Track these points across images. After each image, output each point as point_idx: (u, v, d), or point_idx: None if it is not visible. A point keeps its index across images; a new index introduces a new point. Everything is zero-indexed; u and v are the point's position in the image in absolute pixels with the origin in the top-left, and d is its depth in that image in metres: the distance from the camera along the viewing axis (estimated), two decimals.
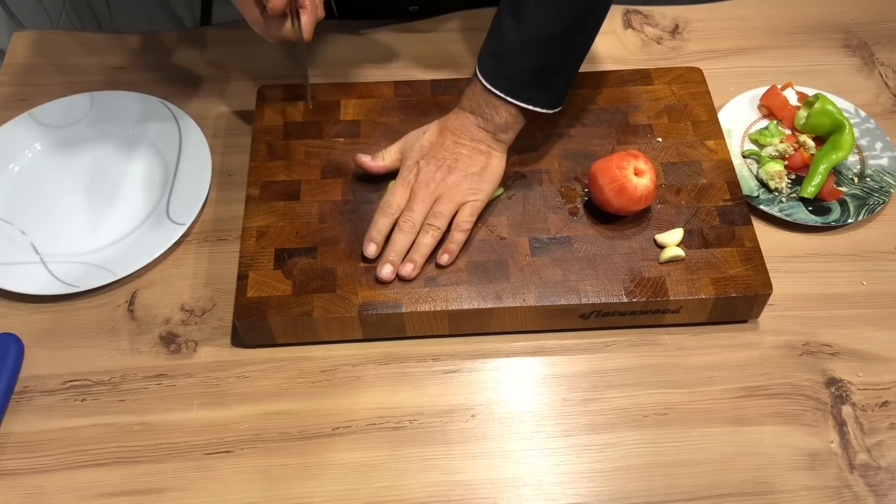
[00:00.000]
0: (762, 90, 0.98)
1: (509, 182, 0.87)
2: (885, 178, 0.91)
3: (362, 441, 0.75)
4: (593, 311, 0.80)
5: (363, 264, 0.81)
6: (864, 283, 0.85)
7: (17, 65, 1.05)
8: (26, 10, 1.24)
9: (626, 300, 0.79)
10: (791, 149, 0.92)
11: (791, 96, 0.97)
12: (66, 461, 0.74)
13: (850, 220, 0.88)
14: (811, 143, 0.92)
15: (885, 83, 1.02)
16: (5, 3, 1.18)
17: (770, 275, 0.80)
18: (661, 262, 0.81)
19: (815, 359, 0.80)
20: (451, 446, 0.75)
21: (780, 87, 0.97)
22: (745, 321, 0.83)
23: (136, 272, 0.85)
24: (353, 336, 0.81)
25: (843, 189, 0.90)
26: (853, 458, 0.74)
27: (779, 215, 0.88)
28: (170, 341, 0.82)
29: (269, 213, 0.85)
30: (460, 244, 0.81)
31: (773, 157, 0.92)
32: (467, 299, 0.79)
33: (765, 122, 0.96)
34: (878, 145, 0.94)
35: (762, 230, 0.88)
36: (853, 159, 0.93)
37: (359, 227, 0.84)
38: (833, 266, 0.86)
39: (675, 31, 1.09)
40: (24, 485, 0.73)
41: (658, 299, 0.79)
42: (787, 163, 0.92)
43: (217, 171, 0.94)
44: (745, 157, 0.93)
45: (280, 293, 0.79)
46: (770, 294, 0.79)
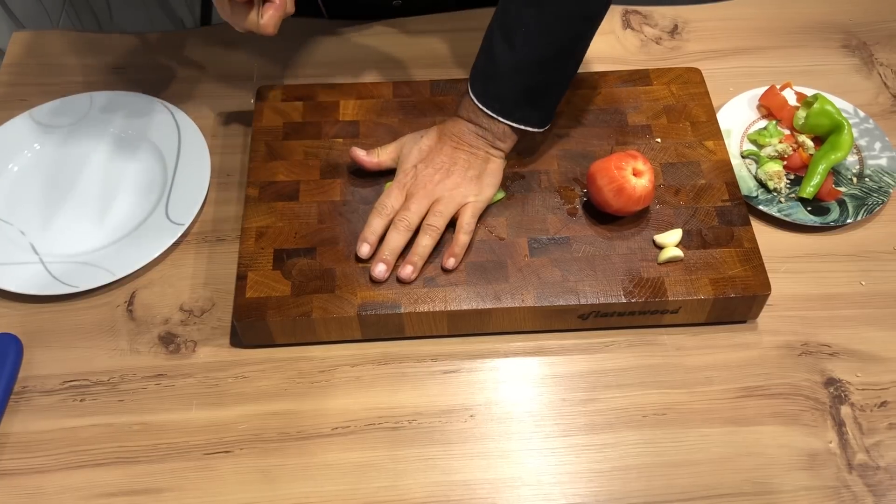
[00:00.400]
0: (761, 90, 0.98)
1: (508, 183, 0.87)
2: (884, 178, 0.91)
3: (361, 441, 0.75)
4: (592, 311, 0.80)
5: (362, 265, 0.81)
6: (863, 283, 0.85)
7: (17, 65, 1.05)
8: (26, 10, 1.24)
9: (624, 300, 0.79)
10: (790, 149, 0.92)
11: (790, 96, 0.97)
12: (65, 461, 0.74)
13: (848, 221, 0.88)
14: (810, 143, 0.92)
15: (885, 83, 1.02)
16: (5, 3, 1.18)
17: (769, 275, 0.80)
18: (660, 263, 0.81)
19: (813, 359, 0.80)
20: (449, 446, 0.75)
21: (779, 87, 0.97)
22: (744, 321, 0.83)
23: (135, 272, 0.85)
24: (352, 336, 0.81)
25: (842, 189, 0.90)
26: (852, 458, 0.74)
27: (778, 215, 0.88)
28: (169, 341, 0.82)
29: (269, 213, 0.85)
30: (465, 247, 0.81)
31: (771, 158, 0.92)
32: (466, 300, 0.79)
33: (764, 123, 0.96)
34: (877, 145, 0.94)
35: (761, 230, 0.88)
36: (852, 159, 0.93)
37: (358, 227, 0.84)
38: (832, 266, 0.87)
39: (674, 31, 1.09)
40: (24, 485, 0.73)
41: (657, 300, 0.79)
42: (785, 163, 0.92)
43: (216, 172, 0.94)
44: (743, 157, 0.94)
45: (279, 293, 0.79)
46: (769, 294, 0.79)
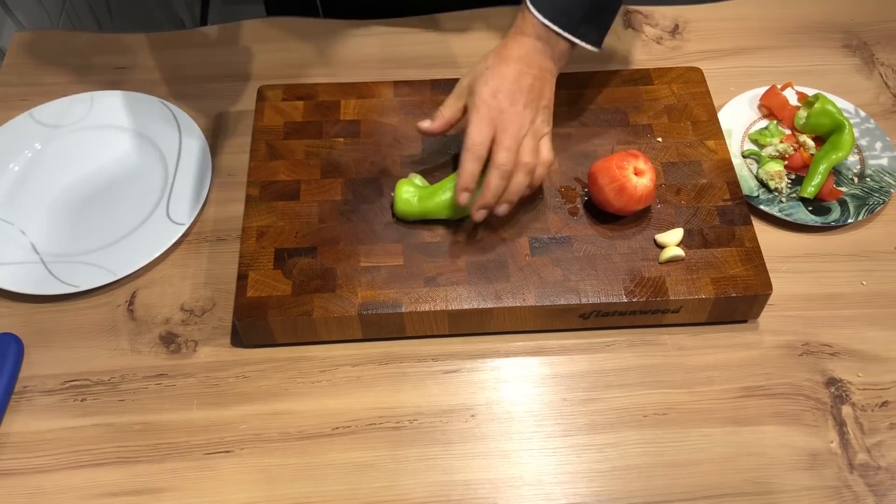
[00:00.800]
0: (762, 90, 0.98)
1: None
2: (885, 178, 0.91)
3: (362, 441, 0.75)
4: (593, 310, 0.80)
5: (363, 264, 0.81)
6: (864, 283, 0.85)
7: (17, 65, 1.05)
8: (26, 10, 1.24)
9: (625, 300, 0.79)
10: (791, 149, 0.92)
11: (791, 96, 0.97)
12: (65, 461, 0.74)
13: (849, 220, 0.88)
14: (811, 143, 0.92)
15: (885, 83, 1.02)
16: (5, 3, 1.18)
17: (770, 275, 0.80)
18: (661, 262, 0.81)
19: (814, 359, 0.80)
20: (450, 446, 0.75)
21: (780, 87, 0.97)
22: (745, 321, 0.83)
23: (135, 272, 0.85)
24: (353, 336, 0.81)
25: (843, 189, 0.90)
26: (853, 458, 0.74)
27: (779, 215, 0.88)
28: (170, 341, 0.82)
29: (269, 212, 0.85)
30: (542, 178, 0.83)
31: (772, 157, 0.92)
32: (467, 299, 0.79)
33: (765, 122, 0.96)
34: (878, 145, 0.94)
35: (762, 230, 0.88)
36: (853, 159, 0.93)
37: (358, 226, 0.84)
38: (833, 266, 0.86)
39: (675, 31, 1.09)
40: (24, 485, 0.73)
41: (658, 299, 0.79)
42: (786, 163, 0.92)
43: (217, 171, 0.94)
44: (744, 157, 0.93)
45: (280, 293, 0.79)
46: (770, 294, 0.79)
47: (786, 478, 0.73)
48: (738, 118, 0.96)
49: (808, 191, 0.88)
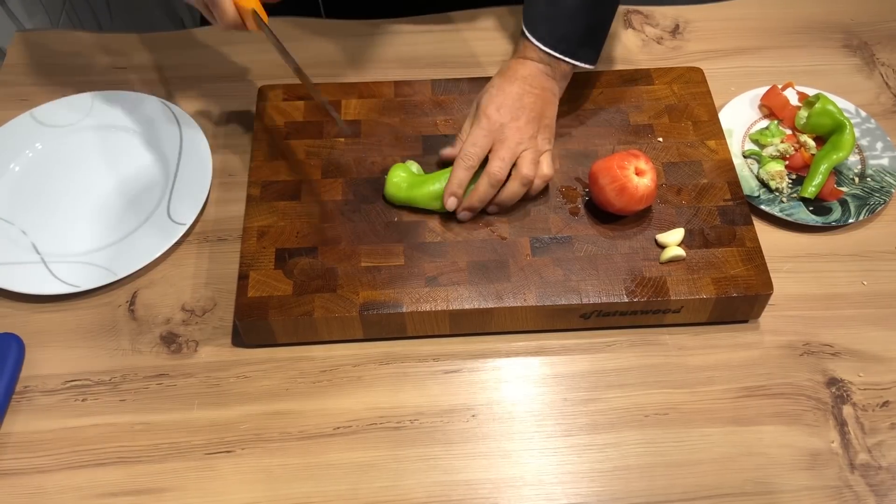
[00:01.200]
0: (763, 90, 0.98)
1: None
2: (886, 178, 0.91)
3: (363, 441, 0.75)
4: (594, 310, 0.80)
5: (364, 264, 0.81)
6: (865, 282, 0.85)
7: (17, 65, 1.05)
8: (26, 10, 1.24)
9: (626, 300, 0.79)
10: (792, 149, 0.92)
11: (792, 96, 0.97)
12: (66, 461, 0.74)
13: (850, 220, 0.88)
14: (812, 143, 0.92)
15: (886, 83, 1.02)
16: (5, 3, 1.18)
17: (771, 275, 0.80)
18: (662, 262, 0.81)
19: (815, 359, 0.80)
20: (451, 446, 0.75)
21: (780, 87, 0.97)
22: (746, 321, 0.83)
23: (136, 272, 0.85)
24: (354, 336, 0.81)
25: (844, 189, 0.90)
26: (854, 457, 0.74)
27: (779, 215, 0.88)
28: (170, 341, 0.81)
29: (270, 212, 0.85)
30: (539, 190, 0.85)
31: (773, 157, 0.92)
32: (468, 299, 0.79)
33: (765, 122, 0.96)
34: (879, 145, 0.94)
35: (763, 230, 0.88)
36: (854, 159, 0.93)
37: (359, 226, 0.84)
38: (834, 266, 0.86)
39: (675, 31, 1.09)
40: (25, 485, 0.73)
41: (659, 299, 0.79)
42: (787, 163, 0.92)
43: (218, 171, 0.94)
44: (745, 157, 0.93)
45: (281, 293, 0.79)
46: (771, 294, 0.79)
47: (787, 478, 0.73)
48: (738, 118, 0.96)
49: (809, 191, 0.88)
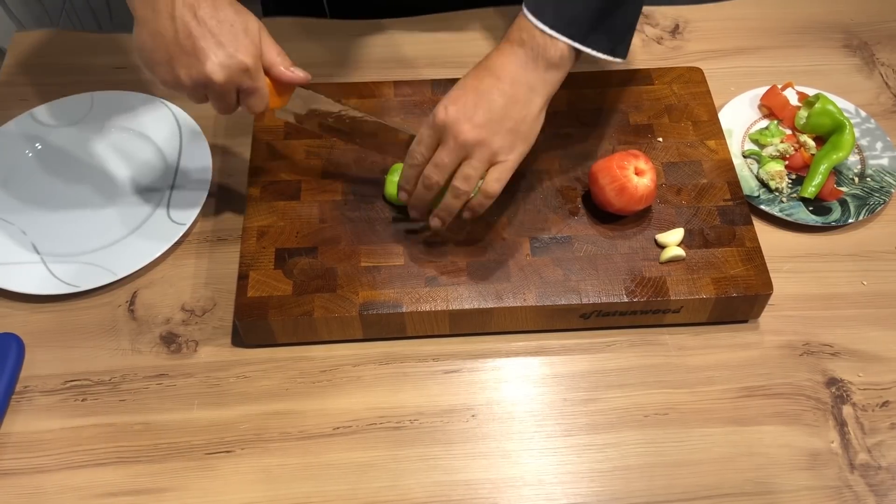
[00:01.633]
0: (762, 90, 0.98)
1: (509, 182, 0.87)
2: (886, 177, 0.91)
3: (363, 441, 0.75)
4: (594, 310, 0.80)
5: (364, 264, 0.81)
6: (865, 282, 0.85)
7: (17, 65, 1.05)
8: (26, 10, 1.24)
9: (626, 300, 0.79)
10: (791, 149, 0.92)
11: (791, 96, 0.97)
12: (66, 461, 0.74)
13: (850, 220, 0.88)
14: (811, 143, 0.92)
15: (886, 83, 1.02)
16: (5, 3, 1.18)
17: (770, 275, 0.80)
18: (662, 262, 0.81)
19: (815, 359, 0.80)
20: (451, 446, 0.75)
21: (780, 87, 0.97)
22: (746, 321, 0.83)
23: (136, 272, 0.85)
24: (354, 336, 0.81)
25: (844, 189, 0.90)
26: (854, 457, 0.74)
27: (779, 215, 0.88)
28: (170, 341, 0.81)
29: (270, 212, 0.85)
30: (485, 208, 0.77)
31: (773, 157, 0.92)
32: (468, 299, 0.79)
33: (765, 122, 0.96)
34: (879, 145, 0.94)
35: (763, 230, 0.88)
36: (853, 159, 0.93)
37: (359, 226, 0.84)
38: (833, 266, 0.86)
39: (675, 31, 1.09)
40: (24, 485, 0.73)
41: (659, 299, 0.79)
42: (787, 163, 0.92)
43: (217, 171, 0.93)
44: (745, 156, 0.93)
45: (280, 293, 0.79)
46: (770, 294, 0.79)
47: (786, 478, 0.73)
48: (738, 118, 0.96)
49: (809, 191, 0.88)
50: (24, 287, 0.83)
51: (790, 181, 0.91)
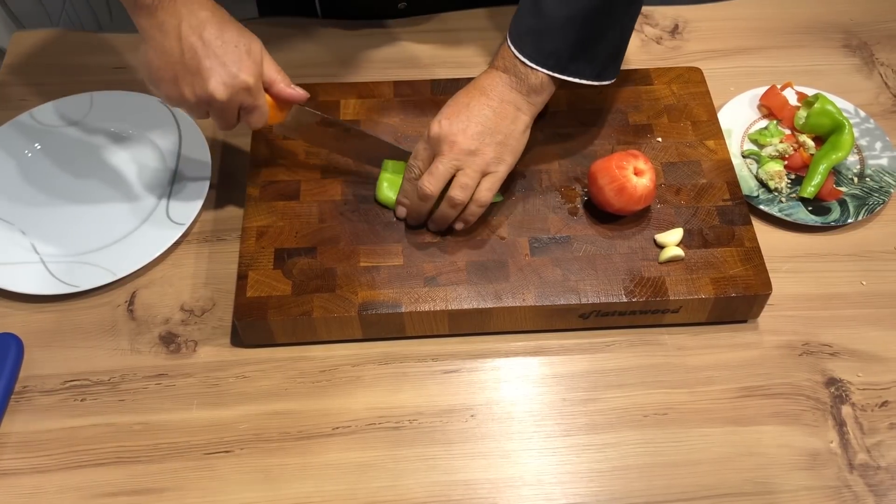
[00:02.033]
0: (762, 90, 0.98)
1: (508, 182, 0.87)
2: (885, 178, 0.91)
3: (362, 441, 0.75)
4: (593, 310, 0.80)
5: (363, 264, 0.81)
6: (864, 282, 0.85)
7: (17, 65, 1.05)
8: (26, 10, 1.24)
9: (625, 300, 0.79)
10: (791, 149, 0.92)
11: (791, 96, 0.97)
12: (65, 461, 0.74)
13: (849, 220, 0.88)
14: (811, 143, 0.92)
15: (885, 83, 1.02)
16: (5, 3, 1.18)
17: (770, 275, 0.80)
18: (661, 262, 0.81)
19: (814, 359, 0.80)
20: (450, 446, 0.75)
21: (779, 87, 0.97)
22: (745, 321, 0.83)
23: (135, 272, 0.85)
24: (353, 336, 0.81)
25: (843, 189, 0.90)
26: (853, 457, 0.74)
27: (778, 215, 0.88)
28: (169, 341, 0.82)
29: (269, 212, 0.85)
30: (477, 216, 0.81)
31: (772, 157, 0.92)
32: (467, 299, 0.79)
33: (764, 122, 0.96)
34: (878, 145, 0.94)
35: (762, 230, 0.88)
36: (853, 159, 0.93)
37: (358, 226, 0.84)
38: (833, 266, 0.86)
39: (674, 31, 1.09)
40: (24, 485, 0.73)
41: (658, 299, 0.79)
42: (786, 163, 0.92)
43: (217, 171, 0.94)
44: (744, 157, 0.93)
45: (280, 293, 0.79)
46: (770, 294, 0.79)
47: (786, 478, 0.73)
48: (737, 118, 0.96)
49: (808, 191, 0.88)
50: (23, 287, 0.83)
51: (789, 181, 0.91)
